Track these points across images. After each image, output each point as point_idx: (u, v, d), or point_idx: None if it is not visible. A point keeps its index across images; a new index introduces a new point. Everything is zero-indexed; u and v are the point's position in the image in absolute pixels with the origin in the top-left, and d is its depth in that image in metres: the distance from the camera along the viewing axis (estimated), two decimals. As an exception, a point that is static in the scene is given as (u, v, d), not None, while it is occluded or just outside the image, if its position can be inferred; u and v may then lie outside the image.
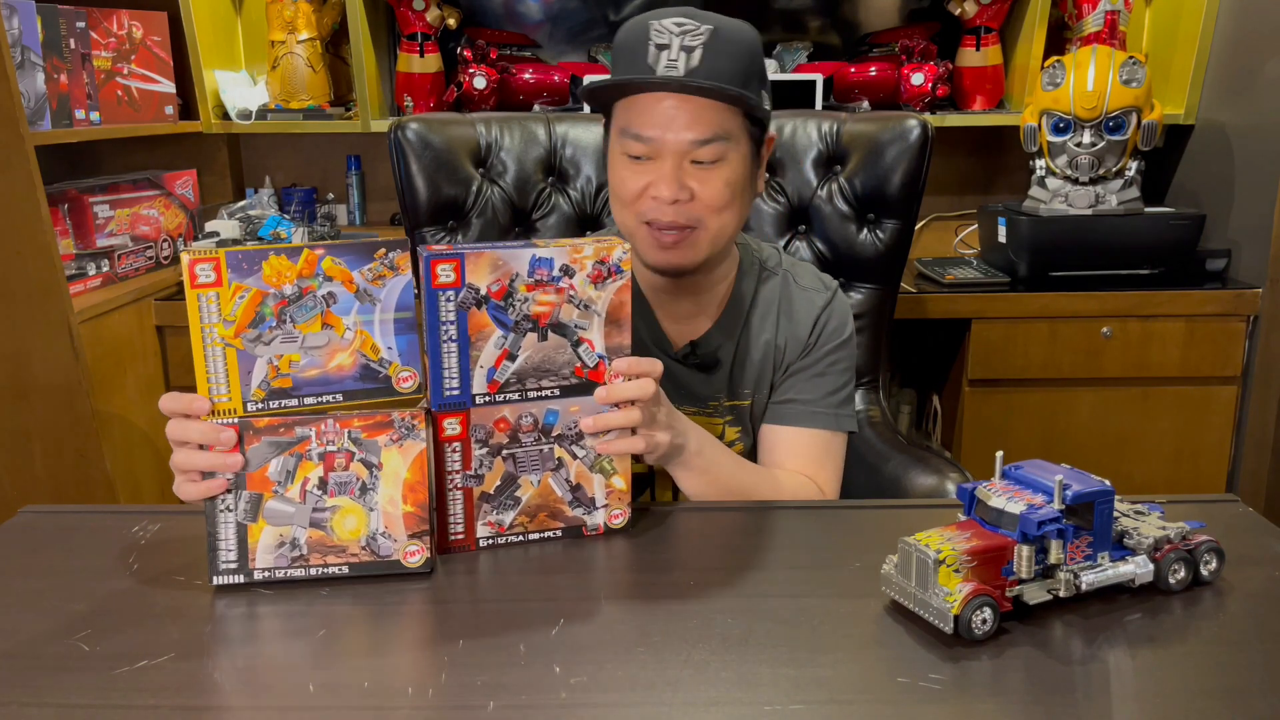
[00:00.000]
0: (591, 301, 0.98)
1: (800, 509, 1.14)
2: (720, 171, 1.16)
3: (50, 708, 0.77)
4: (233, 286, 0.90)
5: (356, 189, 2.75)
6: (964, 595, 0.82)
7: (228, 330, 0.90)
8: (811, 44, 2.67)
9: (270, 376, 0.92)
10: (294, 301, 0.90)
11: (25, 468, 1.80)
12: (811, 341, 1.30)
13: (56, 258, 1.76)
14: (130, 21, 2.33)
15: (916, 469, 1.50)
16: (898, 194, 1.67)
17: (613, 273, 0.98)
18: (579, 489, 1.02)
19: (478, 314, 0.95)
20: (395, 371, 0.93)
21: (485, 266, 0.94)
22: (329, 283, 0.91)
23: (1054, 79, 2.26)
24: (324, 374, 0.92)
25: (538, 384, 0.98)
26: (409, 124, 1.65)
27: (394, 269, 0.91)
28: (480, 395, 0.97)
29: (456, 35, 2.64)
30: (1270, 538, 1.03)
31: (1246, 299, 2.22)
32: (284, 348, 0.91)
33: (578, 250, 0.96)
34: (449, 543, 1.00)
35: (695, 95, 1.13)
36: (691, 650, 0.84)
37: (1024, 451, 1.66)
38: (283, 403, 0.92)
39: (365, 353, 0.92)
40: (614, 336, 1.00)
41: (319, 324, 0.91)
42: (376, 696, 0.78)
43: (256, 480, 0.93)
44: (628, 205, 1.19)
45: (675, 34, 1.13)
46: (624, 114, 1.17)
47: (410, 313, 0.92)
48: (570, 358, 0.99)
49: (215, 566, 0.94)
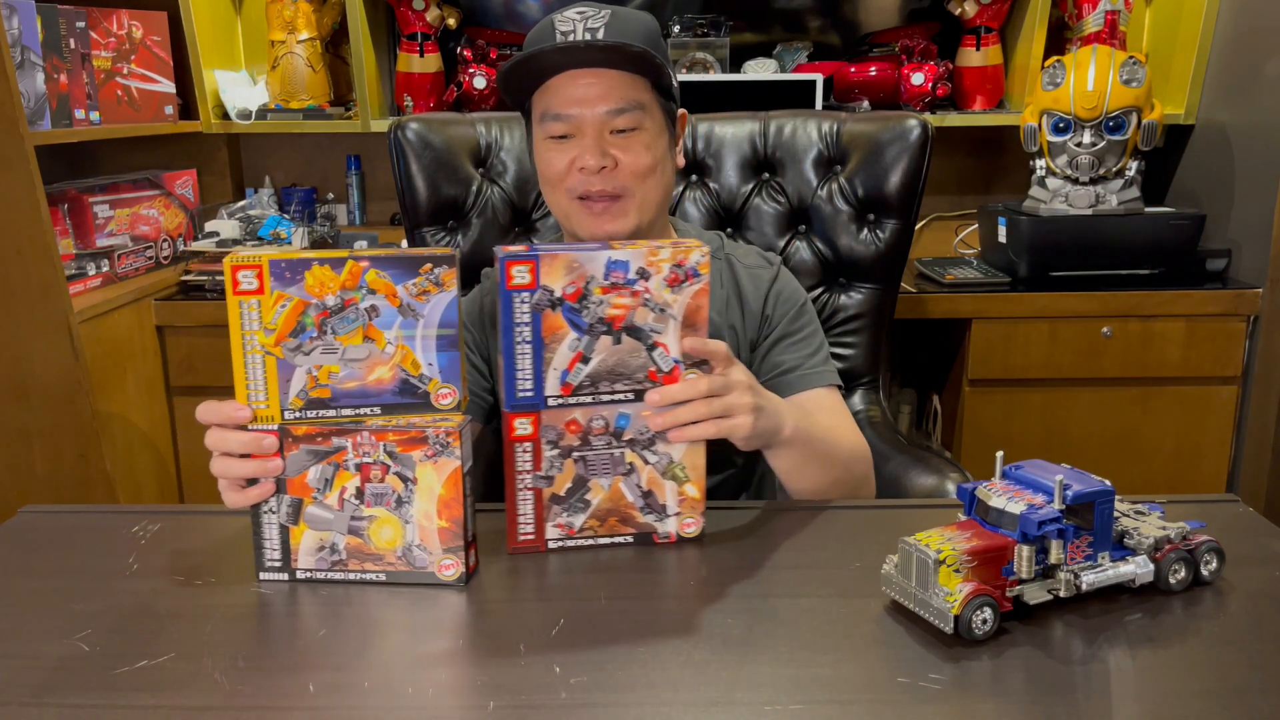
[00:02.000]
0: (667, 305, 0.96)
1: (801, 509, 1.14)
2: (639, 138, 1.21)
3: (50, 708, 0.77)
4: (275, 294, 0.90)
5: (356, 189, 2.75)
6: (964, 595, 0.82)
7: (268, 338, 0.90)
8: (811, 44, 2.67)
9: (309, 386, 0.92)
10: (336, 313, 0.90)
11: (25, 468, 1.80)
12: (769, 313, 1.33)
13: (56, 258, 1.76)
14: (130, 21, 2.33)
15: (916, 469, 1.50)
16: (898, 194, 1.67)
17: (689, 276, 0.96)
18: (650, 495, 1.01)
19: (552, 316, 0.94)
20: (435, 388, 0.92)
21: (560, 268, 0.93)
22: (372, 295, 0.90)
23: (1054, 79, 2.26)
24: (363, 386, 0.92)
25: (611, 387, 0.97)
26: (409, 124, 1.65)
27: (439, 285, 0.90)
28: (553, 397, 0.96)
29: (456, 35, 2.64)
30: (1270, 538, 1.03)
31: (1247, 299, 2.22)
32: (324, 359, 0.91)
33: (654, 253, 0.95)
34: (519, 543, 1.00)
35: (606, 59, 1.18)
36: (691, 650, 0.84)
37: (1024, 451, 1.65)
38: (320, 413, 0.92)
39: (405, 368, 0.92)
40: None
41: (360, 336, 0.91)
42: (376, 696, 0.78)
43: (297, 485, 0.94)
44: (557, 185, 1.23)
45: (577, 20, 1.20)
46: (541, 101, 1.22)
47: (453, 330, 0.91)
48: (644, 361, 0.97)
49: (261, 564, 0.95)
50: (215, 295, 2.27)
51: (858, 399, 1.72)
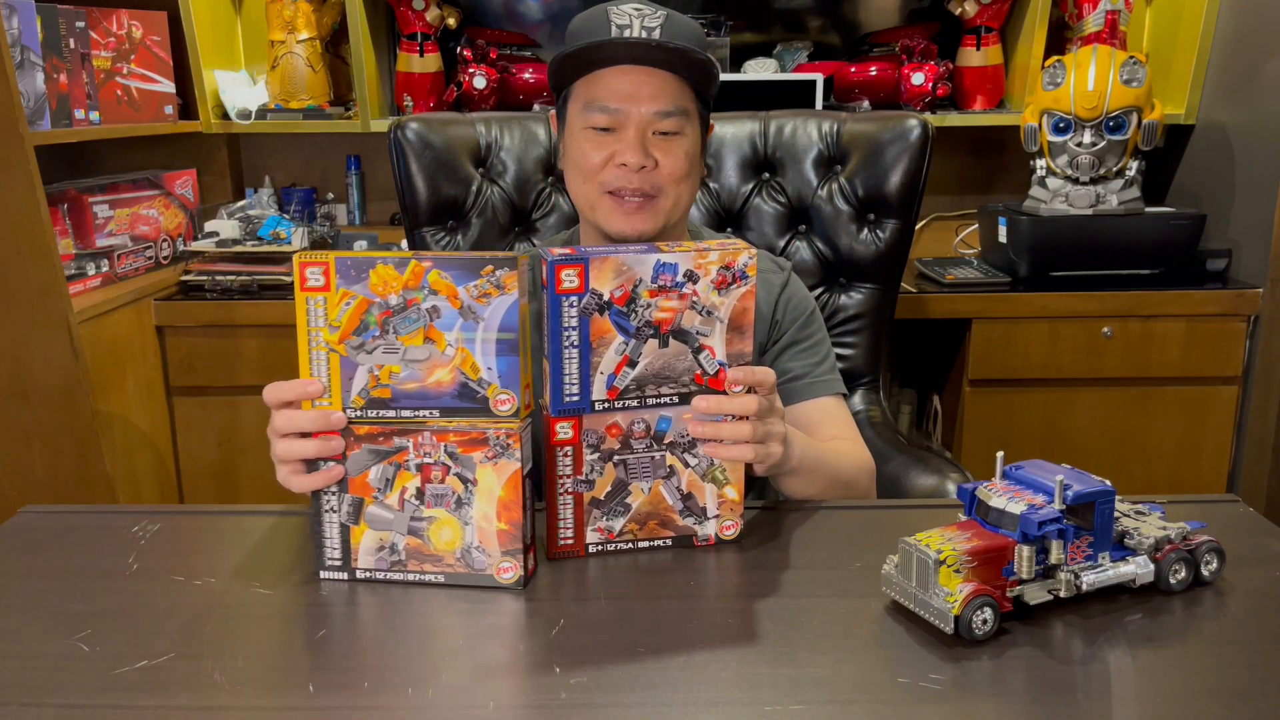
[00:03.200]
0: (714, 308, 0.95)
1: (801, 509, 1.14)
2: (680, 143, 1.22)
3: (50, 708, 0.77)
4: (340, 292, 0.90)
5: (356, 189, 2.75)
6: (964, 595, 0.82)
7: (332, 335, 0.91)
8: (812, 44, 2.67)
9: (370, 385, 0.92)
10: (398, 312, 0.90)
11: (25, 468, 1.80)
12: (778, 318, 1.33)
13: (56, 258, 1.76)
14: (130, 21, 2.33)
15: (917, 469, 1.50)
16: (898, 194, 1.67)
17: (737, 279, 0.95)
18: (690, 498, 1.01)
19: (600, 319, 0.93)
20: (494, 394, 0.91)
21: (609, 272, 0.92)
22: (434, 296, 0.90)
23: (1054, 79, 2.26)
24: (423, 388, 0.91)
25: (657, 390, 0.97)
26: (409, 124, 1.65)
27: (500, 288, 0.89)
28: (599, 401, 0.96)
29: (456, 35, 2.64)
30: (1270, 538, 1.03)
31: (1247, 299, 2.22)
32: (385, 358, 0.91)
33: (703, 255, 0.94)
34: (558, 548, 0.99)
35: (667, 60, 1.18)
36: (691, 650, 0.84)
37: (1024, 451, 1.66)
38: (380, 413, 0.92)
39: (465, 371, 0.91)
40: (735, 344, 0.97)
41: (421, 337, 0.91)
42: (376, 696, 0.78)
43: (358, 485, 0.94)
44: (590, 177, 1.22)
45: (634, 16, 1.20)
46: (587, 88, 1.21)
47: (514, 334, 0.90)
48: (690, 364, 0.97)
49: (321, 562, 0.95)
50: (215, 295, 2.27)
51: (858, 399, 1.72)
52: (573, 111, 1.23)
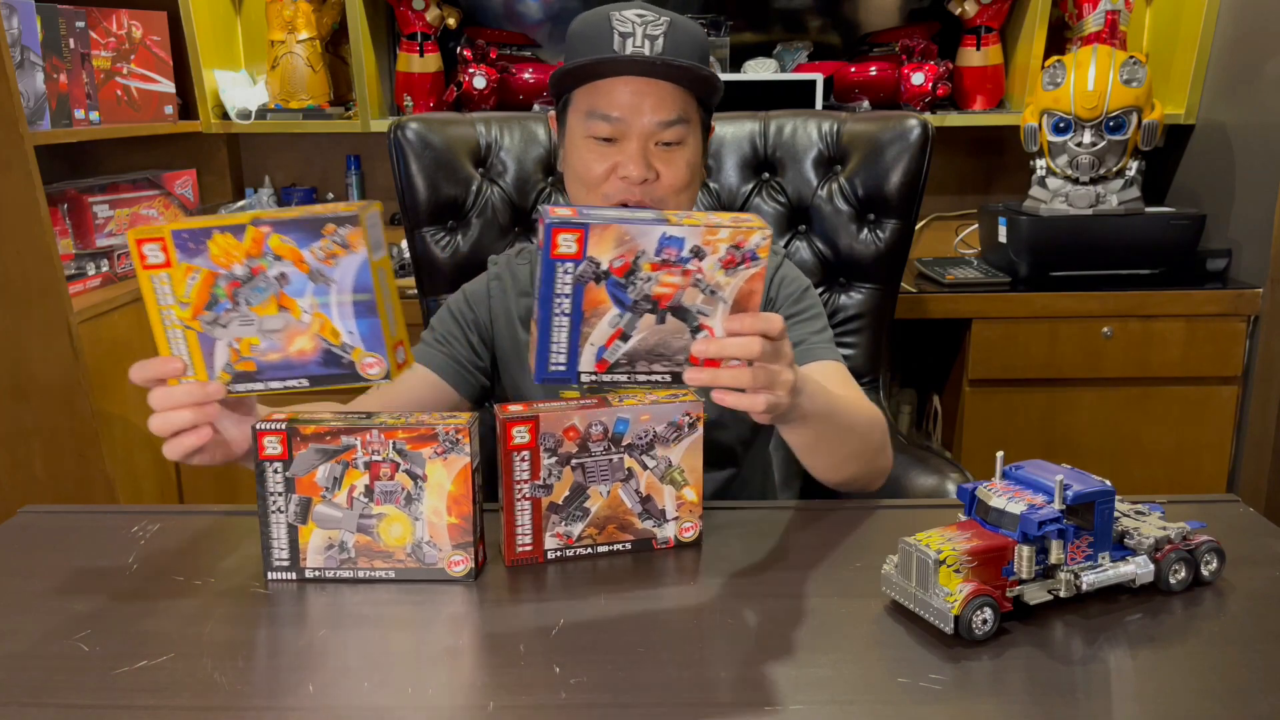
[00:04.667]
0: (719, 287, 0.89)
1: (801, 509, 1.14)
2: (682, 153, 1.21)
3: (50, 708, 0.77)
4: (183, 267, 0.87)
5: (356, 189, 2.75)
6: (964, 595, 0.82)
7: (184, 312, 0.88)
8: (811, 44, 2.67)
9: (233, 360, 0.90)
10: (246, 282, 0.87)
11: (25, 468, 1.80)
12: (772, 295, 1.33)
13: (56, 258, 1.76)
14: (130, 21, 2.33)
15: (917, 469, 1.50)
16: (898, 194, 1.67)
17: (747, 259, 0.89)
18: (649, 500, 1.00)
19: (595, 289, 0.88)
20: (359, 357, 0.89)
21: (610, 240, 0.86)
22: (279, 262, 0.86)
23: (1054, 79, 2.26)
24: (286, 358, 0.90)
25: (649, 368, 0.91)
26: (409, 124, 1.65)
27: (346, 246, 0.85)
28: (587, 373, 0.91)
29: (456, 35, 2.64)
30: (1270, 538, 1.03)
31: (1247, 299, 2.22)
32: (242, 330, 0.89)
33: (713, 231, 0.87)
34: (517, 555, 0.99)
35: (669, 74, 1.17)
36: (691, 650, 0.84)
37: (1024, 451, 1.65)
38: (250, 386, 0.91)
39: (326, 337, 0.88)
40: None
41: (274, 306, 0.88)
42: (376, 696, 0.78)
43: (305, 484, 0.93)
44: (593, 188, 1.21)
45: (638, 24, 1.18)
46: (588, 97, 1.20)
47: (369, 295, 0.87)
48: (687, 344, 0.91)
49: (269, 564, 0.95)
50: (215, 295, 2.27)
51: (858, 399, 1.72)
52: (574, 119, 1.23)
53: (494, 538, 1.02)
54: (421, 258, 1.68)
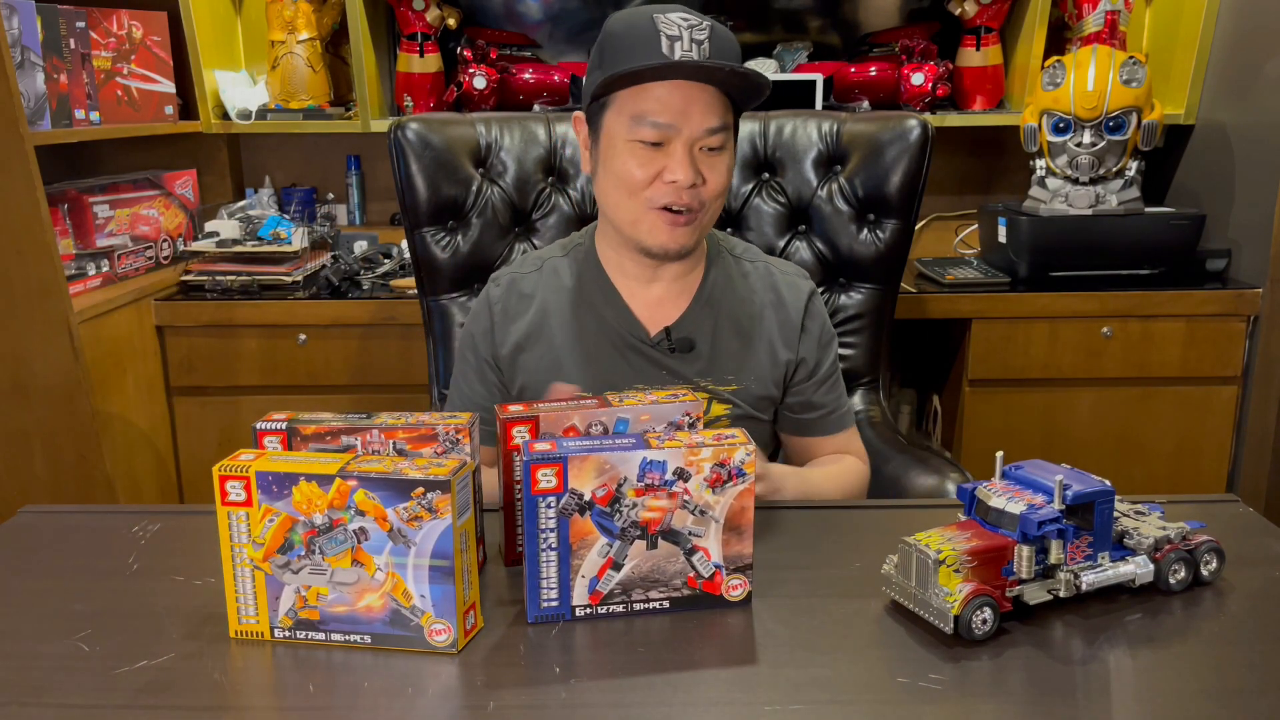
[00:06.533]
0: (708, 507, 0.88)
1: (801, 509, 1.14)
2: (724, 159, 1.23)
3: (50, 708, 0.77)
4: (262, 508, 0.85)
5: (356, 189, 2.75)
6: (964, 595, 0.82)
7: (257, 553, 0.86)
8: (811, 44, 2.67)
9: (298, 606, 0.87)
10: (324, 532, 0.85)
11: (25, 468, 1.80)
12: (807, 326, 1.35)
13: (56, 258, 1.76)
14: (130, 21, 2.33)
15: (917, 469, 1.50)
16: (898, 194, 1.67)
17: (734, 476, 0.88)
18: None
19: (580, 521, 0.87)
20: (428, 622, 0.85)
21: (590, 470, 0.85)
22: (361, 517, 0.84)
23: (1054, 79, 2.26)
24: (352, 612, 0.86)
25: (645, 595, 0.90)
26: (409, 124, 1.65)
27: (432, 511, 0.83)
28: (581, 607, 0.89)
29: (456, 35, 2.64)
30: (1270, 538, 1.03)
31: (1246, 299, 2.22)
32: (312, 579, 0.86)
33: (695, 452, 0.87)
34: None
35: (727, 80, 1.18)
36: (691, 650, 0.84)
37: (1024, 451, 1.66)
38: (310, 634, 0.87)
39: (397, 597, 0.85)
40: (733, 545, 0.90)
41: (349, 560, 0.85)
42: (376, 696, 0.78)
43: None
44: (636, 192, 1.21)
45: (684, 27, 1.17)
46: (634, 102, 1.18)
47: (448, 561, 0.84)
48: (682, 567, 0.89)
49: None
50: (215, 295, 2.27)
51: (858, 399, 1.72)
52: (614, 121, 1.20)
53: (494, 538, 1.02)
54: (422, 258, 1.68)
